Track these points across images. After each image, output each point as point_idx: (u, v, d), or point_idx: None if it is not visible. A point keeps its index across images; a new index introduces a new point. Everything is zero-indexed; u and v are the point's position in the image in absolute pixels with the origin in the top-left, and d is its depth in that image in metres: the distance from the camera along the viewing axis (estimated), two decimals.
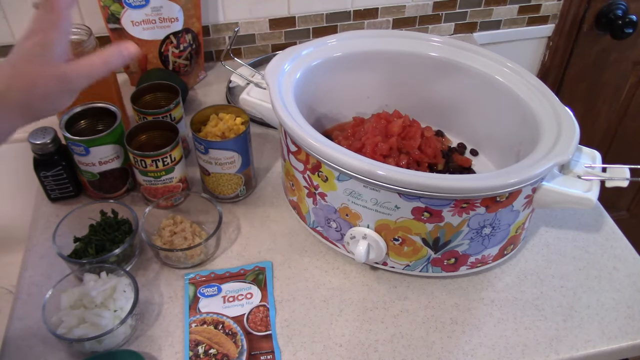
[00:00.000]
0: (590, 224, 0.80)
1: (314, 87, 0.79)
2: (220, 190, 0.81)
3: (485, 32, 1.21)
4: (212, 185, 0.80)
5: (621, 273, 0.74)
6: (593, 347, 0.66)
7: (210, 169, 0.78)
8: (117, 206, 0.76)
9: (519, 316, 0.69)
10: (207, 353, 0.64)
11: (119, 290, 0.66)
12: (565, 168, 0.68)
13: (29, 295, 0.71)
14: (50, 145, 0.77)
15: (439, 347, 0.66)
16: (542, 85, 0.74)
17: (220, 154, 0.75)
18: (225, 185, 0.80)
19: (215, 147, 0.75)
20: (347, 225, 0.69)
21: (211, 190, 0.82)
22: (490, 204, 0.62)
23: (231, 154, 0.76)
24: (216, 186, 0.80)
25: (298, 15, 1.08)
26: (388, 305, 0.70)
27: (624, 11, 1.20)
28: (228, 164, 0.77)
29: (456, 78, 0.81)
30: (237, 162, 0.77)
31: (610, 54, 1.29)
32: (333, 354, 0.65)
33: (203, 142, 0.75)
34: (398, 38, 0.83)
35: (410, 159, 0.75)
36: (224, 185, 0.80)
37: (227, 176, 0.78)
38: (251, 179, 0.83)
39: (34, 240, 0.78)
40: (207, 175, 0.79)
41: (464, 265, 0.70)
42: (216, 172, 0.78)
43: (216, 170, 0.78)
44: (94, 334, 0.62)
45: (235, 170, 0.78)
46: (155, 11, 0.93)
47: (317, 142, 0.63)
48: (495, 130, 0.80)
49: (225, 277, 0.73)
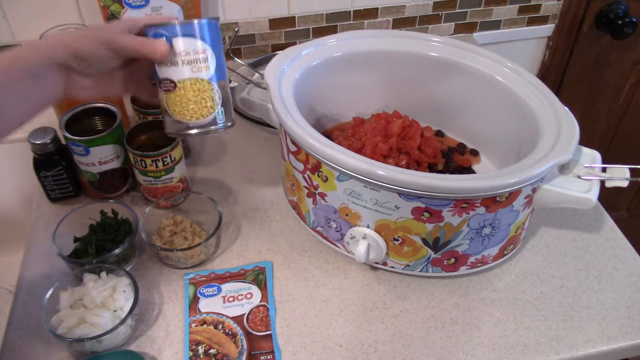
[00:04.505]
0: (590, 224, 0.80)
1: (314, 87, 0.79)
2: (191, 111, 0.61)
3: (485, 32, 1.21)
4: (179, 107, 0.61)
5: (621, 273, 0.74)
6: (593, 347, 0.66)
7: (176, 75, 0.60)
8: (117, 206, 0.76)
9: (519, 316, 0.69)
10: (207, 353, 0.64)
11: (118, 290, 0.66)
12: (565, 168, 0.68)
13: (29, 295, 0.71)
14: (50, 145, 0.77)
15: (439, 347, 0.66)
16: (542, 85, 0.74)
17: (188, 44, 0.59)
18: (197, 100, 0.61)
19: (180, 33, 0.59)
20: (347, 225, 0.69)
21: (178, 118, 0.62)
22: (490, 204, 0.62)
23: (202, 44, 0.60)
24: (185, 105, 0.61)
25: (298, 15, 1.08)
26: (388, 305, 0.70)
27: (624, 11, 1.20)
28: (199, 62, 0.60)
29: (456, 78, 0.81)
30: (211, 60, 0.61)
31: (610, 54, 1.29)
32: (333, 354, 0.65)
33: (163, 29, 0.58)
34: (398, 38, 0.83)
35: (410, 159, 0.76)
36: (196, 102, 0.61)
37: (198, 84, 0.61)
38: (228, 103, 0.64)
39: (34, 240, 0.78)
40: (172, 90, 0.61)
41: (464, 265, 0.70)
42: (184, 78, 0.60)
43: (184, 74, 0.60)
44: (94, 334, 0.62)
45: (210, 74, 0.61)
46: (155, 11, 0.93)
47: (317, 142, 0.63)
48: (495, 130, 0.80)
49: (225, 277, 0.73)
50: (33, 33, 0.92)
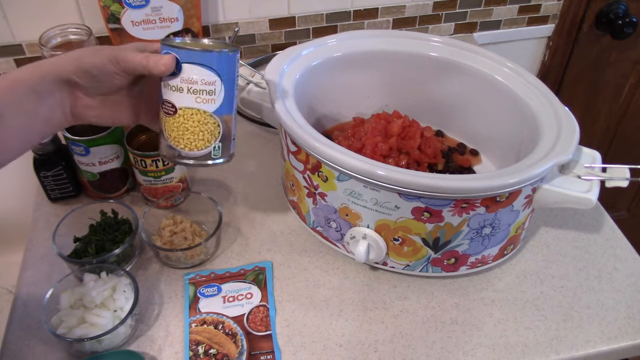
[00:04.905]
0: (590, 224, 0.80)
1: (314, 87, 0.79)
2: (186, 140, 0.59)
3: (485, 32, 1.21)
4: (176, 134, 0.59)
5: (621, 273, 0.74)
6: (593, 347, 0.66)
7: (179, 101, 0.57)
8: (117, 206, 0.76)
9: (519, 316, 0.69)
10: (207, 353, 0.64)
11: (118, 290, 0.66)
12: (565, 168, 0.68)
13: (29, 295, 0.71)
14: (50, 145, 0.77)
15: (439, 347, 0.66)
16: (542, 85, 0.74)
17: (197, 73, 0.56)
18: (195, 132, 0.58)
19: (192, 60, 0.56)
20: (347, 225, 0.69)
21: (172, 144, 0.59)
22: (490, 204, 0.62)
23: (212, 76, 0.57)
24: (182, 133, 0.59)
25: (298, 15, 1.08)
26: (388, 305, 0.70)
27: (624, 11, 1.20)
28: (205, 94, 0.57)
29: (456, 78, 0.81)
30: (219, 94, 0.58)
31: (610, 54, 1.29)
32: (333, 354, 0.65)
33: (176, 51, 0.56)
34: (398, 38, 0.83)
35: (410, 159, 0.76)
36: (194, 132, 0.58)
37: (199, 116, 0.58)
38: (229, 138, 0.61)
39: (34, 240, 0.78)
40: (172, 115, 0.58)
41: (464, 265, 0.70)
42: (187, 106, 0.58)
43: (187, 102, 0.57)
44: (94, 334, 0.62)
45: (214, 108, 0.58)
46: (155, 11, 0.93)
47: (317, 142, 0.63)
48: (495, 130, 0.80)
49: (225, 277, 0.73)
50: (33, 33, 0.92)
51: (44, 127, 0.56)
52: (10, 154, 0.55)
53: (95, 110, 0.59)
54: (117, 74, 0.56)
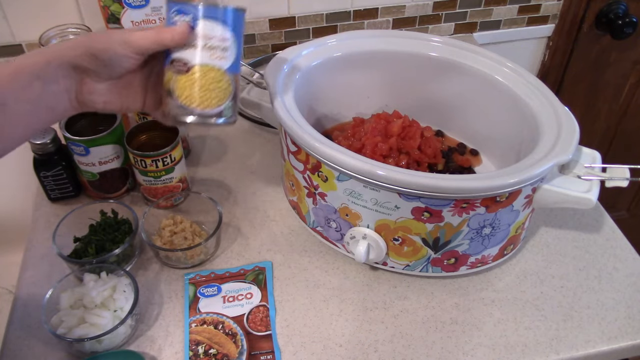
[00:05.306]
0: (590, 224, 0.80)
1: (314, 87, 0.79)
2: (201, 98, 0.57)
3: (485, 32, 1.21)
4: (189, 92, 0.57)
5: (621, 273, 0.74)
6: (593, 347, 0.66)
7: (193, 58, 0.56)
8: (117, 206, 0.76)
9: (519, 316, 0.69)
10: (207, 353, 0.64)
11: (118, 290, 0.66)
12: (565, 168, 0.68)
13: (29, 295, 0.71)
14: (50, 145, 0.77)
15: (439, 347, 0.66)
16: (542, 85, 0.74)
17: (213, 29, 0.56)
18: (210, 88, 0.58)
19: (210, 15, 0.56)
20: (347, 225, 0.69)
21: (183, 103, 0.57)
22: (490, 204, 0.62)
23: (227, 32, 0.57)
24: (195, 91, 0.57)
25: (298, 15, 1.08)
26: (388, 305, 0.70)
27: (624, 11, 1.20)
28: (220, 51, 0.57)
29: (456, 78, 0.81)
30: (231, 51, 0.57)
31: (610, 54, 1.29)
32: (333, 354, 0.65)
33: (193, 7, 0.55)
34: (398, 38, 0.83)
35: (410, 159, 0.76)
36: (208, 89, 0.58)
37: (214, 73, 0.57)
38: (237, 98, 0.61)
39: (34, 240, 0.78)
40: (184, 72, 0.57)
41: (464, 265, 0.70)
42: (202, 62, 0.57)
43: (202, 59, 0.56)
44: (94, 334, 0.62)
45: (228, 65, 0.58)
46: (155, 11, 0.93)
47: (317, 142, 0.63)
48: (495, 130, 0.80)
49: (225, 277, 0.73)
50: (33, 33, 0.92)
51: (49, 114, 0.55)
52: (13, 142, 0.54)
53: (103, 97, 0.57)
54: (128, 57, 0.55)
